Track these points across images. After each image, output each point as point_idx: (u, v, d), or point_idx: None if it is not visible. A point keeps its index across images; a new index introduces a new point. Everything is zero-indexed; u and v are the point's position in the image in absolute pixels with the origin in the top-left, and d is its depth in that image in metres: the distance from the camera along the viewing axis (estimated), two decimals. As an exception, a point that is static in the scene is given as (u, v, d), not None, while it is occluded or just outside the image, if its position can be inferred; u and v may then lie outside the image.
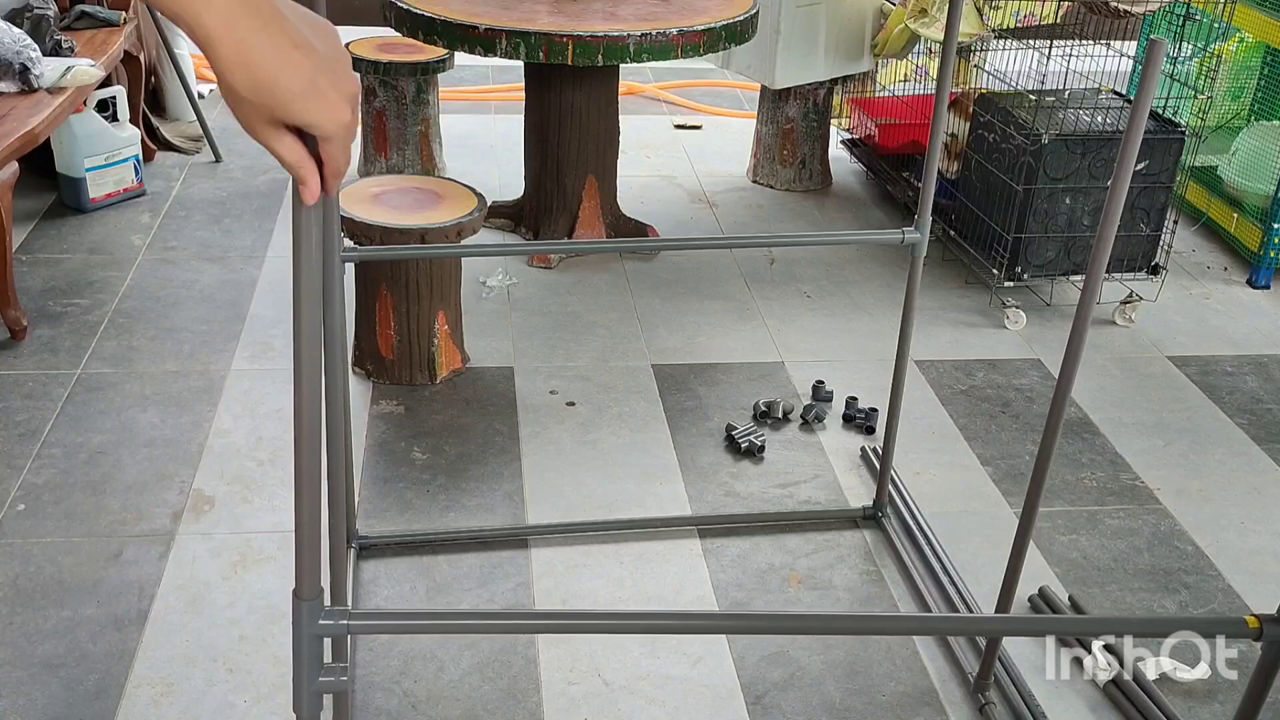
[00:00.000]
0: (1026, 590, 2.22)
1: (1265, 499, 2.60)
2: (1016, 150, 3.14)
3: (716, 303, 3.30)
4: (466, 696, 1.96)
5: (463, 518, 2.39)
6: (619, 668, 2.03)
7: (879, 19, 3.86)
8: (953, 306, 3.34)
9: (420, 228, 2.61)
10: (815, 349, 3.09)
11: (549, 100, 3.36)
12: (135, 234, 3.49)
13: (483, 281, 3.28)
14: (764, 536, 2.38)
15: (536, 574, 2.25)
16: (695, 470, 2.58)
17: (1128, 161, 1.45)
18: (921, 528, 2.39)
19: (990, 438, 2.75)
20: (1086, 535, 2.44)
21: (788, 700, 1.99)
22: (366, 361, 2.82)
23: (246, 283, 3.22)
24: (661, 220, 3.74)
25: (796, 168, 4.06)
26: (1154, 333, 3.27)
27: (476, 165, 4.11)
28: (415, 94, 3.84)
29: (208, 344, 2.92)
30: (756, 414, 2.77)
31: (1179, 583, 2.32)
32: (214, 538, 2.27)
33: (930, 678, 2.05)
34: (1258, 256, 3.56)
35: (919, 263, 2.14)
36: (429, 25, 2.96)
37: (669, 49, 2.95)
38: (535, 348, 3.02)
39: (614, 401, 2.81)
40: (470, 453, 2.59)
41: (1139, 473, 2.65)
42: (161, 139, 4.09)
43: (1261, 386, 3.04)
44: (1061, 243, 3.22)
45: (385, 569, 2.24)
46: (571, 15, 3.01)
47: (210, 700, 1.92)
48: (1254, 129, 3.76)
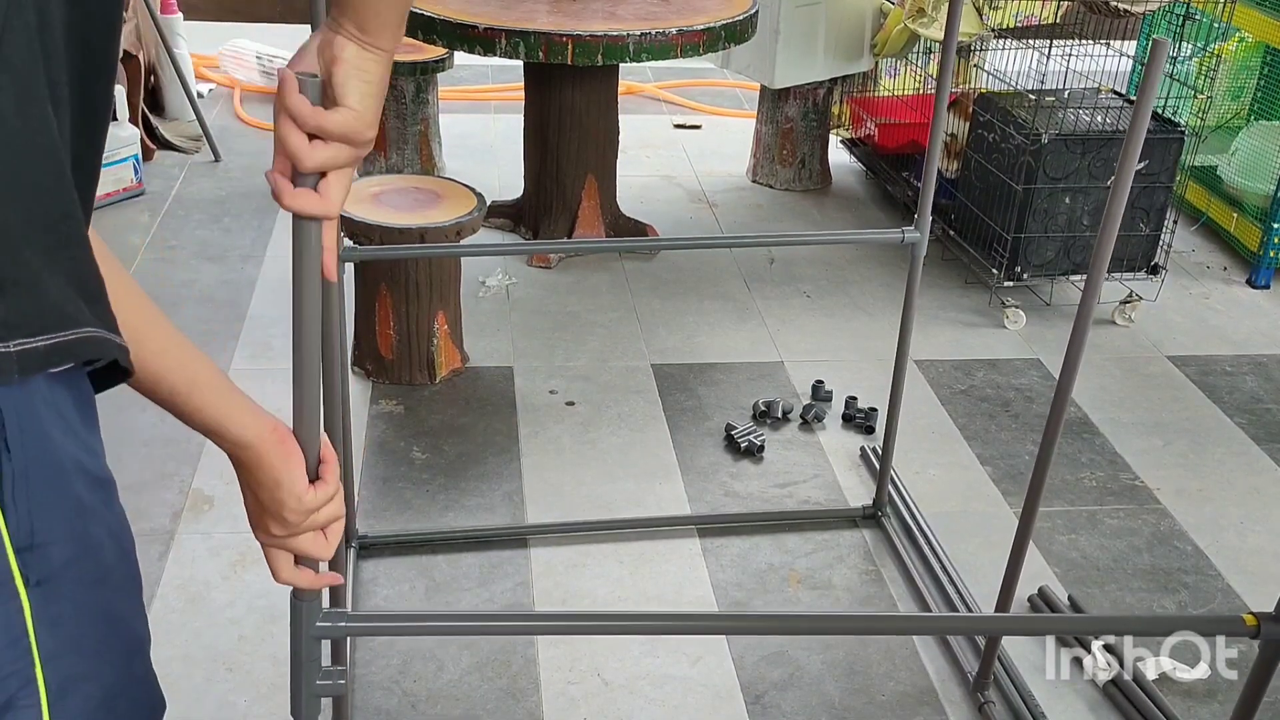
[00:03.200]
0: (1026, 590, 2.22)
1: (1265, 499, 2.60)
2: (1016, 150, 3.14)
3: (716, 302, 3.30)
4: (466, 696, 1.96)
5: (462, 517, 2.39)
6: (618, 667, 2.03)
7: (878, 19, 3.86)
8: (952, 306, 3.34)
9: (420, 227, 2.61)
10: (815, 349, 3.09)
11: (549, 100, 3.36)
12: (134, 233, 3.48)
13: (482, 281, 3.28)
14: (763, 536, 2.38)
15: (536, 573, 2.25)
16: (695, 470, 2.58)
17: (1130, 161, 1.45)
18: (921, 527, 2.39)
19: (990, 438, 2.75)
20: (1086, 535, 2.44)
21: (787, 700, 1.99)
22: (366, 361, 2.82)
23: (246, 282, 3.22)
24: (661, 220, 3.74)
25: (796, 167, 4.06)
26: (1154, 332, 3.27)
27: (476, 165, 4.11)
28: (415, 93, 3.84)
29: (207, 344, 2.92)
30: (756, 414, 2.76)
31: (1178, 583, 2.32)
32: (213, 537, 2.27)
33: (930, 677, 2.05)
34: (1257, 256, 3.56)
35: (919, 262, 2.14)
36: (428, 24, 2.96)
37: (668, 49, 2.95)
38: (535, 348, 3.02)
39: (613, 401, 2.81)
40: (470, 452, 2.59)
41: (1139, 473, 2.65)
42: (161, 138, 4.09)
43: (1261, 386, 3.04)
44: (1061, 242, 3.22)
45: (385, 568, 2.24)
46: (571, 15, 3.01)
47: (210, 700, 1.91)
48: (1254, 129, 3.76)
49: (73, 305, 0.73)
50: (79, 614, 0.78)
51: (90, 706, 0.80)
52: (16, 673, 0.74)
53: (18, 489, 0.71)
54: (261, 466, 0.91)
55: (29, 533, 0.73)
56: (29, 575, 0.73)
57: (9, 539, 0.72)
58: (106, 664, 0.82)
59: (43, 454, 0.73)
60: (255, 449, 0.90)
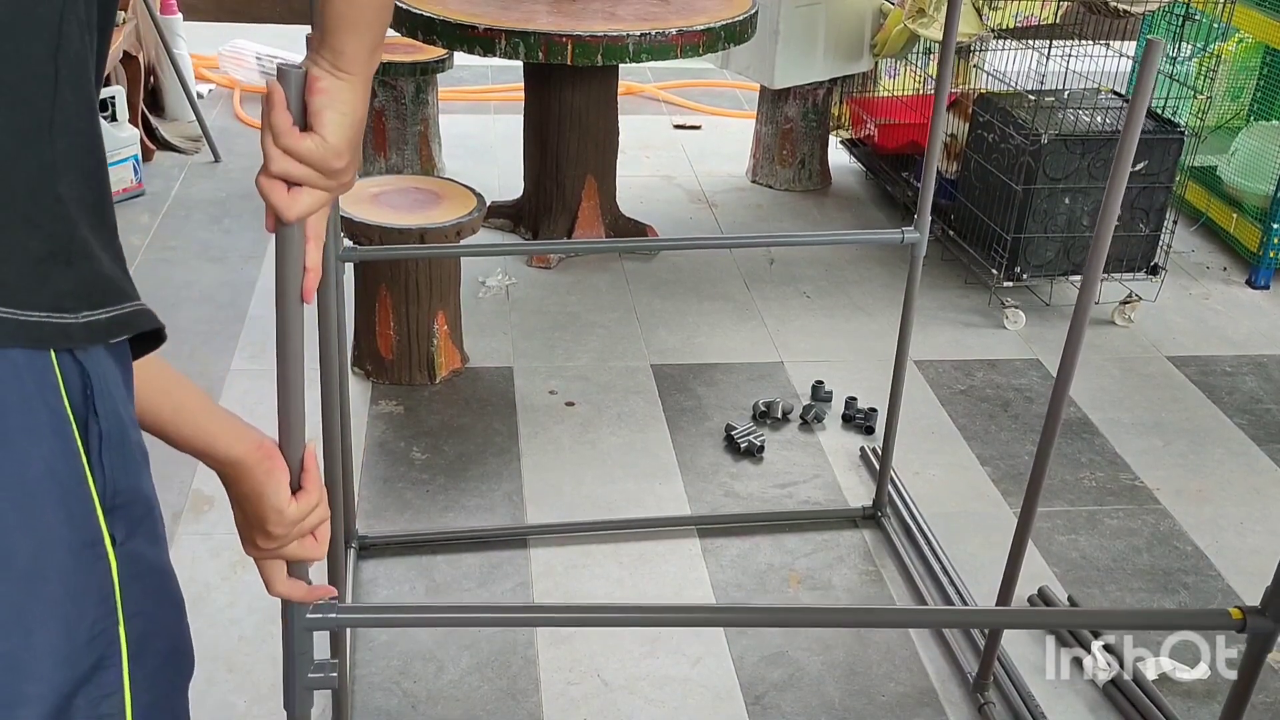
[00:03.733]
0: (1026, 590, 2.22)
1: (1264, 499, 2.60)
2: (1016, 150, 3.14)
3: (716, 303, 3.30)
4: (466, 696, 1.96)
5: (462, 518, 2.39)
6: (618, 668, 2.03)
7: (878, 19, 3.86)
8: (952, 306, 3.34)
9: (420, 228, 2.61)
10: (814, 349, 3.09)
11: (548, 100, 3.36)
12: (134, 234, 3.48)
13: (482, 281, 3.28)
14: (763, 536, 2.38)
15: (536, 574, 2.25)
16: (695, 470, 2.58)
17: (1125, 161, 1.45)
18: (921, 528, 2.39)
19: (989, 438, 2.75)
20: (1086, 535, 2.44)
21: (787, 700, 1.99)
22: (366, 361, 2.82)
23: (246, 283, 3.22)
24: (661, 220, 3.74)
25: (796, 168, 4.06)
26: (1153, 333, 3.27)
27: (476, 165, 4.11)
28: (414, 94, 3.84)
29: (207, 344, 2.92)
30: (756, 414, 2.77)
31: (1178, 583, 2.32)
32: (214, 538, 2.27)
33: (930, 678, 2.05)
34: (1257, 256, 3.56)
35: (918, 263, 2.14)
36: (428, 25, 2.96)
37: (668, 49, 2.95)
38: (535, 348, 3.02)
39: (613, 401, 2.81)
40: (470, 453, 2.59)
41: (1138, 473, 2.65)
42: (161, 139, 4.09)
43: (1261, 386, 3.04)
44: (1061, 243, 3.22)
45: (385, 569, 2.24)
46: (571, 15, 3.01)
47: (210, 700, 1.91)
48: (1253, 129, 3.76)
49: (123, 279, 0.77)
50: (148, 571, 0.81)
51: (157, 664, 0.83)
52: (105, 631, 0.77)
53: (105, 451, 0.75)
54: (244, 480, 0.93)
55: (114, 494, 0.76)
56: (115, 535, 0.77)
57: (99, 500, 0.75)
58: (168, 621, 0.86)
59: (115, 418, 0.76)
60: (240, 466, 0.92)
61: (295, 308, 0.95)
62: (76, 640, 0.75)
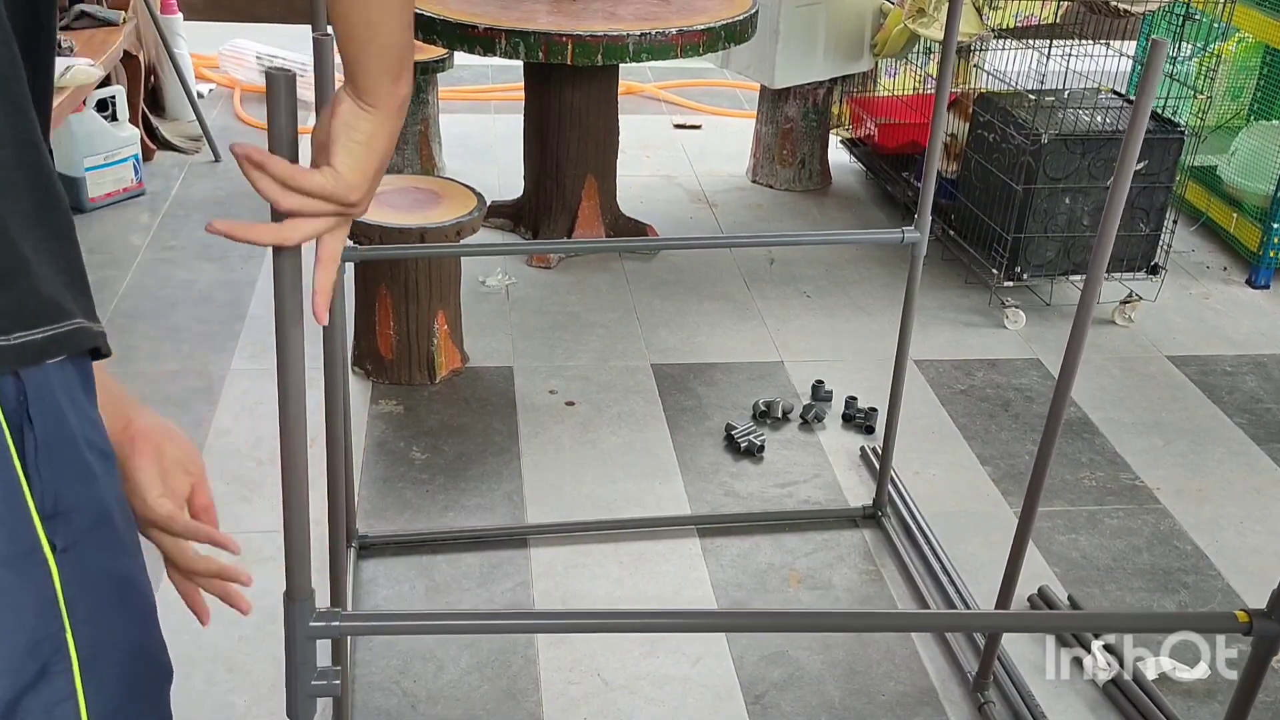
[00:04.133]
0: (1026, 590, 2.22)
1: (1264, 499, 2.60)
2: (1016, 150, 3.14)
3: (716, 302, 3.30)
4: (466, 696, 1.96)
5: (462, 517, 2.39)
6: (618, 667, 2.03)
7: (878, 18, 3.86)
8: (952, 306, 3.34)
9: (419, 227, 2.61)
10: (815, 349, 3.09)
11: (548, 100, 3.36)
12: (134, 233, 3.48)
13: (482, 281, 3.28)
14: (763, 536, 2.38)
15: (536, 574, 2.25)
16: (695, 470, 2.58)
17: (1129, 161, 1.45)
18: (921, 527, 2.39)
19: (990, 437, 2.75)
20: (1086, 535, 2.44)
21: (787, 700, 1.98)
22: (366, 361, 2.82)
23: (246, 282, 3.22)
24: (661, 220, 3.74)
25: (796, 167, 4.06)
26: (1153, 332, 3.27)
27: (476, 165, 4.11)
28: (415, 93, 3.83)
29: (207, 344, 2.92)
30: (756, 414, 2.76)
31: (1178, 582, 2.32)
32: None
33: (930, 677, 2.05)
34: (1257, 256, 3.56)
35: (918, 262, 2.14)
36: (428, 24, 2.96)
37: (668, 49, 2.95)
38: (535, 347, 3.02)
39: (613, 401, 2.81)
40: (469, 452, 2.59)
41: (1138, 472, 2.65)
42: (161, 138, 4.09)
43: (1261, 386, 3.04)
44: (1061, 242, 3.22)
45: (385, 568, 2.24)
46: (571, 15, 3.01)
47: (210, 700, 1.91)
48: (1253, 129, 3.76)
49: (63, 296, 0.75)
50: (101, 579, 0.80)
51: (116, 671, 0.82)
52: (49, 637, 0.76)
53: (40, 458, 0.74)
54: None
55: (54, 501, 0.75)
56: (55, 542, 0.75)
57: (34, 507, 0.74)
58: (128, 628, 0.85)
59: (60, 427, 0.75)
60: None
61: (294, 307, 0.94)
62: (16, 647, 0.73)
